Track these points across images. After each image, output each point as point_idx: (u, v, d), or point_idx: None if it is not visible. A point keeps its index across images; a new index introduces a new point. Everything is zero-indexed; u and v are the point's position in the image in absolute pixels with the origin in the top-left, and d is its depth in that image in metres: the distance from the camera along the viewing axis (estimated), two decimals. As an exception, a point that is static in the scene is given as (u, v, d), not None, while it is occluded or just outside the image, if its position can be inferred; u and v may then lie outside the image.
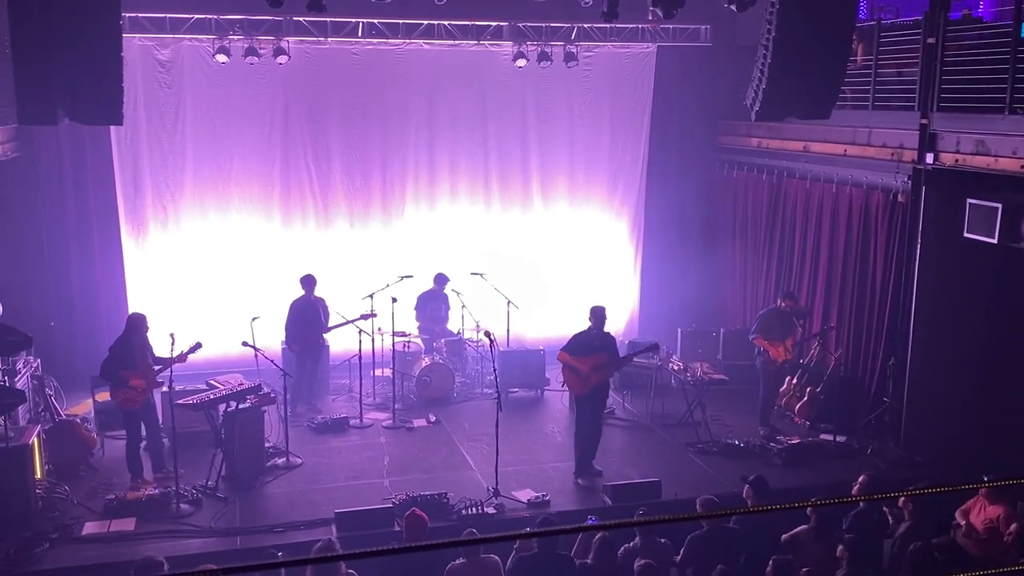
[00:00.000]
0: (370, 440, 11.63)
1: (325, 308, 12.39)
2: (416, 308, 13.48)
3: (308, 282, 12.33)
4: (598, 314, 10.39)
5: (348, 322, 12.19)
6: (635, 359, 11.40)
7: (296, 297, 12.34)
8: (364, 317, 12.09)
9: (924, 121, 10.44)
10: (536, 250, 14.98)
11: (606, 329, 10.48)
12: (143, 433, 10.35)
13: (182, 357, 10.07)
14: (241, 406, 10.30)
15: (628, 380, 13.06)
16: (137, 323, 10.20)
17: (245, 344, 11.26)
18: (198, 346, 10.32)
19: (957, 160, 10.06)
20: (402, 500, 9.49)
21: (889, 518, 8.73)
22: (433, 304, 13.55)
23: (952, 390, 10.79)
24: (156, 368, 10.13)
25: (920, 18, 10.75)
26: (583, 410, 10.53)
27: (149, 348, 10.26)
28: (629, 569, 7.88)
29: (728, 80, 13.85)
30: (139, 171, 13.37)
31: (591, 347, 10.27)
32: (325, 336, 12.69)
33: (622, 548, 8.16)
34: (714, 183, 15.23)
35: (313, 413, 12.28)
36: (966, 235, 10.00)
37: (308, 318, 12.25)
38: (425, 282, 13.55)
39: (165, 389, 10.49)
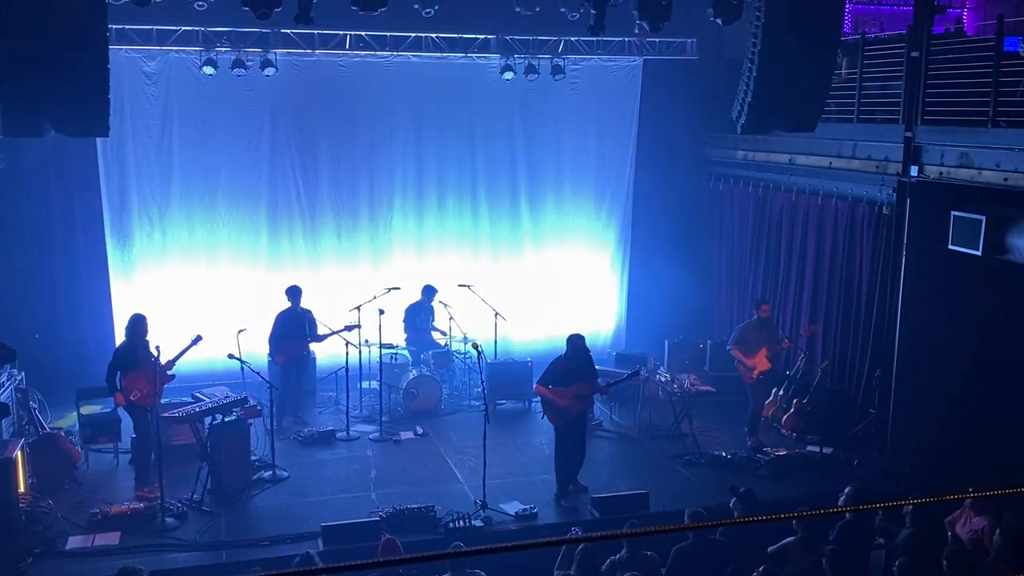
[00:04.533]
0: (357, 453, 11.58)
1: (311, 320, 12.34)
2: (404, 321, 13.45)
3: (294, 293, 12.29)
4: (575, 343, 10.12)
5: (333, 333, 12.16)
6: (615, 375, 11.33)
7: (282, 309, 12.29)
8: (348, 328, 12.06)
9: (908, 134, 10.53)
10: (523, 262, 14.99)
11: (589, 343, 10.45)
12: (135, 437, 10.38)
13: (185, 351, 10.31)
14: (227, 419, 10.25)
15: (615, 392, 12.98)
16: (137, 324, 10.29)
17: (231, 356, 11.23)
18: (199, 338, 10.48)
19: (941, 173, 10.14)
20: (389, 513, 9.45)
21: (876, 533, 8.73)
22: (422, 316, 13.53)
23: (937, 401, 10.83)
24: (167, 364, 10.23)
25: (904, 32, 10.85)
26: (564, 438, 10.28)
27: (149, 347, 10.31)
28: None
29: (714, 93, 13.94)
30: (125, 183, 13.32)
31: (569, 375, 10.05)
32: (311, 348, 12.66)
33: (608, 560, 8.14)
34: (700, 195, 15.29)
35: (300, 426, 12.23)
36: (951, 247, 10.08)
37: (293, 330, 12.19)
38: (412, 294, 13.54)
39: (165, 400, 10.51)
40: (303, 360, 12.53)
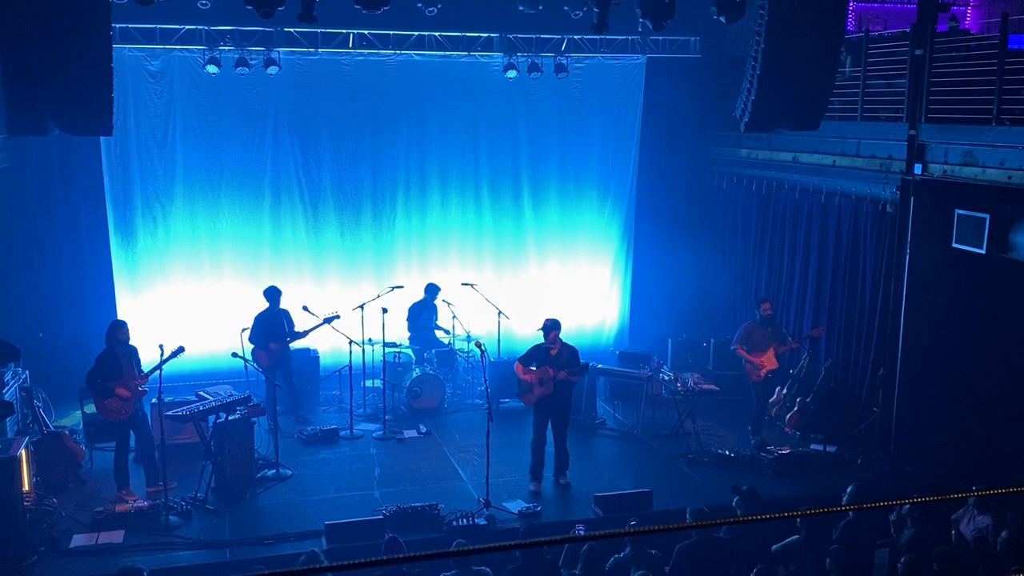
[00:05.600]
0: (360, 451, 11.59)
1: (289, 319, 12.28)
2: (408, 319, 13.46)
3: (273, 294, 12.18)
4: (544, 327, 10.42)
5: (315, 327, 12.03)
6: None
7: (261, 310, 12.13)
8: (328, 320, 11.99)
9: (912, 132, 10.51)
10: (527, 260, 14.99)
11: (571, 340, 10.60)
12: (132, 444, 10.31)
13: (163, 362, 9.93)
14: (231, 417, 10.26)
15: (619, 390, 13.09)
16: (115, 331, 10.09)
17: (235, 355, 11.24)
18: (180, 350, 10.15)
19: (945, 171, 10.13)
20: (392, 512, 9.46)
21: (892, 528, 8.70)
22: (425, 314, 13.53)
23: (941, 400, 10.83)
24: (141, 376, 10.06)
25: (908, 30, 10.83)
26: (539, 423, 10.50)
27: (135, 357, 10.20)
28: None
29: (718, 91, 13.93)
30: (129, 181, 13.34)
31: (544, 359, 10.27)
32: (307, 346, 12.64)
33: (612, 559, 8.14)
34: (704, 194, 15.27)
35: (302, 424, 12.21)
36: (954, 245, 10.07)
37: (273, 331, 12.05)
38: (416, 293, 13.55)
39: (154, 400, 10.45)
40: (286, 359, 12.38)
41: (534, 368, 10.33)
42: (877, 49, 11.45)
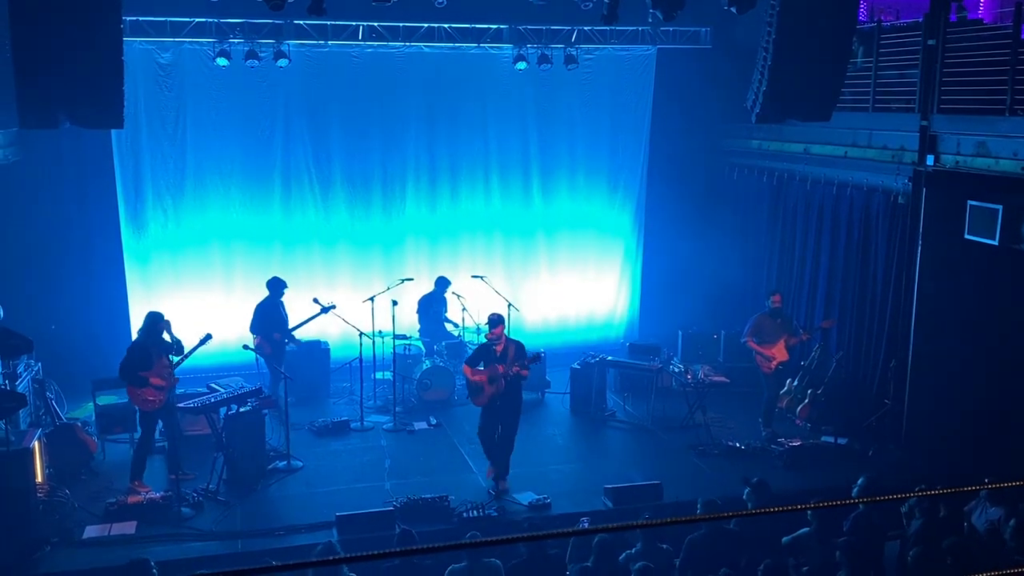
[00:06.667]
0: (371, 443, 11.63)
1: (285, 311, 12.32)
2: (418, 312, 13.48)
3: (276, 284, 12.18)
4: (490, 322, 10.19)
5: (311, 318, 12.03)
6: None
7: (262, 299, 12.18)
8: (324, 310, 11.97)
9: (924, 123, 10.44)
10: (537, 252, 14.99)
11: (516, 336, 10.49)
12: (157, 436, 10.36)
13: (192, 351, 10.09)
14: (242, 409, 10.30)
15: (629, 382, 13.08)
16: (156, 321, 10.15)
17: (246, 347, 11.28)
18: (208, 337, 10.26)
19: (958, 162, 10.06)
20: (403, 503, 9.49)
21: (904, 520, 8.68)
22: (435, 307, 13.55)
23: (953, 391, 10.78)
24: (171, 365, 10.12)
25: (920, 20, 10.75)
26: (487, 419, 10.25)
27: (164, 344, 10.25)
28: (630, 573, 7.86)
29: (729, 82, 13.85)
30: (140, 174, 13.38)
31: (491, 358, 10.07)
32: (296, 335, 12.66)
33: (623, 554, 8.13)
34: (715, 185, 15.21)
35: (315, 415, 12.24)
36: (967, 237, 10.00)
37: (277, 321, 12.08)
38: (426, 285, 13.56)
39: (180, 391, 10.50)
40: (284, 352, 12.44)
41: (482, 368, 10.11)
42: (889, 39, 11.37)
